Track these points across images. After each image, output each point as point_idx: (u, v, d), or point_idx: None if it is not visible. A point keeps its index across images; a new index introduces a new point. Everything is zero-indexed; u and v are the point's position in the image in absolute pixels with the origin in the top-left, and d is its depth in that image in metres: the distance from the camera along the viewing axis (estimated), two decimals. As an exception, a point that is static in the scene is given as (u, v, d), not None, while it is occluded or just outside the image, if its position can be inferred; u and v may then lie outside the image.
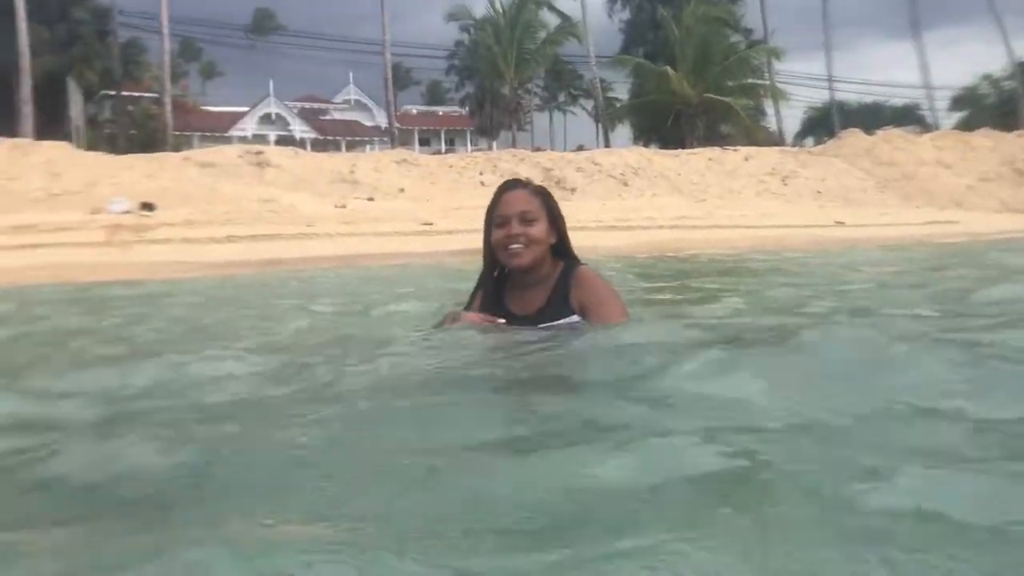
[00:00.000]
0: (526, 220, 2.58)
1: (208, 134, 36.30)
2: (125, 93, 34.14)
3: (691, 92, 30.18)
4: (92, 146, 23.70)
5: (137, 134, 31.78)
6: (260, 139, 34.51)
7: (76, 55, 33.00)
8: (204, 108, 42.93)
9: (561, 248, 2.69)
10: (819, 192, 23.10)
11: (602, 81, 36.94)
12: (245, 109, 41.50)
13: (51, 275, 8.45)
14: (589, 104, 43.31)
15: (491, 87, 37.21)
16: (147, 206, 14.67)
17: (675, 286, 6.22)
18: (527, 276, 2.65)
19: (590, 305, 2.58)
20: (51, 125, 28.29)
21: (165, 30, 29.48)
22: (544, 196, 2.70)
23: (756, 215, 17.65)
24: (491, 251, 2.67)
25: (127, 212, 14.29)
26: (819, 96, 50.06)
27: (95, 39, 34.01)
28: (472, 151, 34.30)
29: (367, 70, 62.79)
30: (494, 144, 37.34)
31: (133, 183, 16.08)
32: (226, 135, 36.84)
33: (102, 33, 33.96)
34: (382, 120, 40.42)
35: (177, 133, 30.50)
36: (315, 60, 73.13)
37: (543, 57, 35.31)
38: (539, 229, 2.59)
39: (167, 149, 23.67)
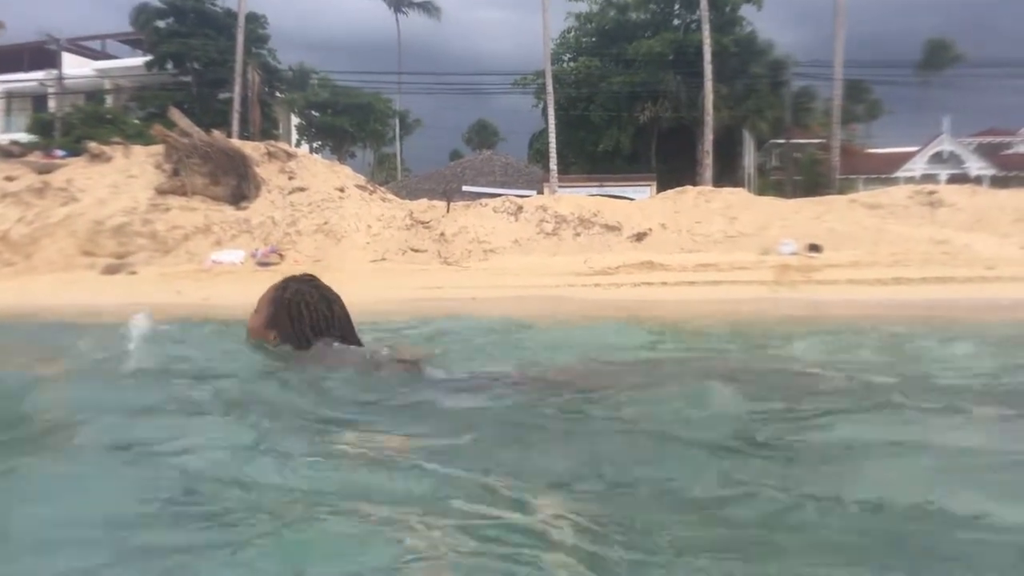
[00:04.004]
0: None
1: (873, 176, 35.62)
2: (793, 140, 35.68)
3: None
4: (760, 192, 25.20)
5: (802, 179, 32.90)
6: (929, 179, 32.46)
7: (751, 107, 35.63)
8: (869, 151, 42.29)
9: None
10: None
11: None
12: (913, 149, 39.60)
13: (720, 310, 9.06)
14: None
15: None
16: (814, 247, 14.89)
17: None
18: None
19: None
20: (725, 174, 31.16)
21: (838, 76, 29.93)
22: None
23: None
24: None
25: (795, 253, 14.72)
26: None
27: (769, 91, 36.27)
28: None
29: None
30: None
31: (801, 225, 16.53)
32: (892, 176, 35.62)
33: (776, 85, 36.04)
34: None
35: (842, 177, 30.64)
36: (999, 90, 66.05)
37: None
38: None
39: (832, 193, 23.88)
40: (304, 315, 2.85)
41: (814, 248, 14.89)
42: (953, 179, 31.63)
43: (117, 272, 15.35)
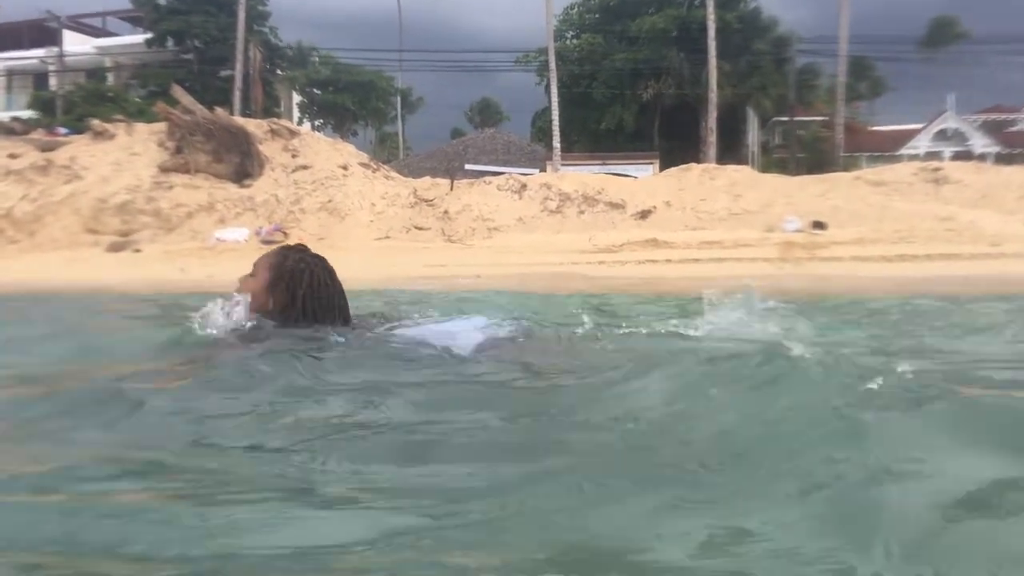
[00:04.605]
0: None
1: (877, 154, 35.48)
2: (797, 118, 35.52)
3: None
4: (764, 170, 25.12)
5: (806, 157, 32.78)
6: (933, 156, 32.29)
7: (754, 85, 35.43)
8: (873, 128, 42.10)
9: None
10: None
11: None
12: (917, 126, 39.42)
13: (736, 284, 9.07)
14: None
15: None
16: (818, 225, 14.88)
17: None
18: None
19: None
20: (728, 151, 31.04)
21: (843, 53, 29.76)
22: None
23: None
24: None
25: (799, 231, 14.71)
26: None
27: (773, 68, 36.05)
28: None
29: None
30: None
31: (805, 203, 16.51)
32: (896, 154, 35.49)
33: (780, 62, 35.83)
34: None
35: (846, 154, 30.55)
36: (1005, 67, 65.54)
37: None
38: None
39: (836, 170, 23.82)
40: (306, 281, 2.81)
41: (818, 225, 14.88)
42: (957, 156, 31.53)
43: (122, 250, 15.37)
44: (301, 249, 2.97)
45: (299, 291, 2.80)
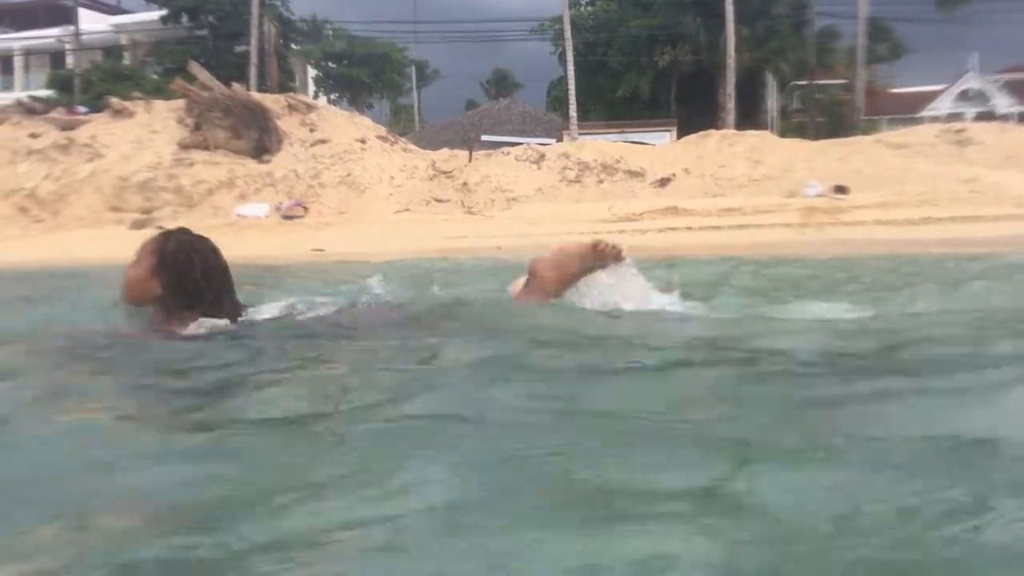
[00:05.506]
0: None
1: (898, 117, 35.01)
2: (816, 82, 35.03)
3: None
4: (783, 135, 24.86)
5: (825, 121, 32.41)
6: (955, 118, 31.80)
7: (773, 49, 34.93)
8: (892, 91, 41.48)
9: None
10: None
11: None
12: (937, 88, 38.82)
13: (755, 251, 9.07)
14: None
15: None
16: (840, 189, 14.78)
17: None
18: None
19: None
20: (747, 117, 30.72)
21: (862, 15, 29.30)
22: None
23: None
24: None
25: (820, 195, 14.62)
26: None
27: (791, 32, 35.51)
28: None
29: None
30: None
31: (826, 167, 16.38)
32: (917, 116, 35.01)
33: (798, 25, 35.28)
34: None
35: (866, 118, 30.19)
36: (1025, 24, 64.15)
37: None
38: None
39: (857, 134, 23.54)
40: (196, 263, 2.74)
41: (840, 189, 14.77)
42: (980, 117, 31.05)
43: (145, 227, 15.49)
44: (183, 231, 2.91)
45: (186, 273, 2.72)
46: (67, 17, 42.40)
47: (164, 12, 38.78)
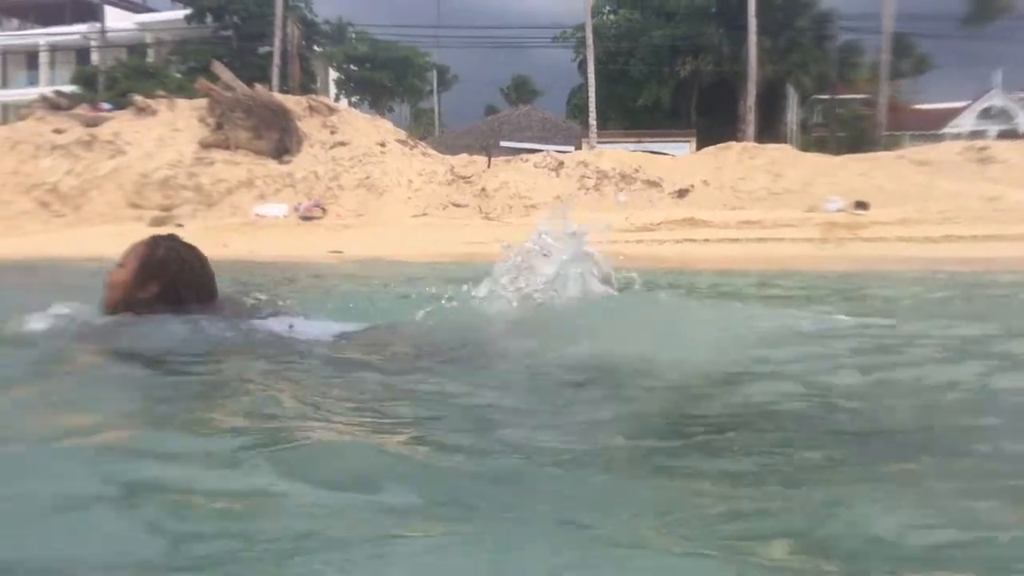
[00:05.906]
0: None
1: (920, 133, 34.77)
2: (837, 96, 34.86)
3: None
4: (803, 149, 24.75)
5: (846, 136, 32.23)
6: (978, 135, 31.53)
7: (795, 62, 34.78)
8: (915, 107, 41.20)
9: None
10: None
11: None
12: (961, 104, 38.55)
13: (772, 265, 9.00)
14: None
15: None
16: (861, 204, 14.68)
17: None
18: None
19: None
20: (767, 130, 30.59)
21: (887, 30, 29.14)
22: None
23: None
24: None
25: (841, 210, 14.52)
26: None
27: (813, 45, 35.35)
28: None
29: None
30: None
31: (848, 182, 16.29)
32: (939, 133, 34.76)
33: (821, 38, 35.13)
34: None
35: (887, 133, 30.00)
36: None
37: None
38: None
39: (878, 150, 23.41)
40: (183, 271, 2.77)
41: (861, 205, 14.67)
42: (1003, 135, 30.78)
43: (164, 224, 15.57)
44: (171, 238, 2.91)
45: (173, 280, 2.74)
46: (93, 14, 42.82)
47: (189, 11, 39.11)
